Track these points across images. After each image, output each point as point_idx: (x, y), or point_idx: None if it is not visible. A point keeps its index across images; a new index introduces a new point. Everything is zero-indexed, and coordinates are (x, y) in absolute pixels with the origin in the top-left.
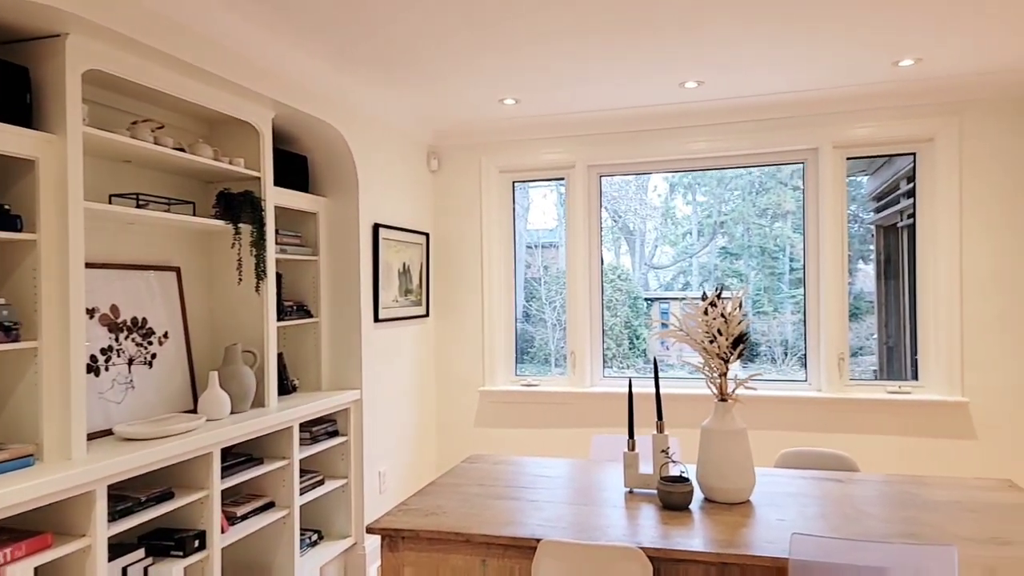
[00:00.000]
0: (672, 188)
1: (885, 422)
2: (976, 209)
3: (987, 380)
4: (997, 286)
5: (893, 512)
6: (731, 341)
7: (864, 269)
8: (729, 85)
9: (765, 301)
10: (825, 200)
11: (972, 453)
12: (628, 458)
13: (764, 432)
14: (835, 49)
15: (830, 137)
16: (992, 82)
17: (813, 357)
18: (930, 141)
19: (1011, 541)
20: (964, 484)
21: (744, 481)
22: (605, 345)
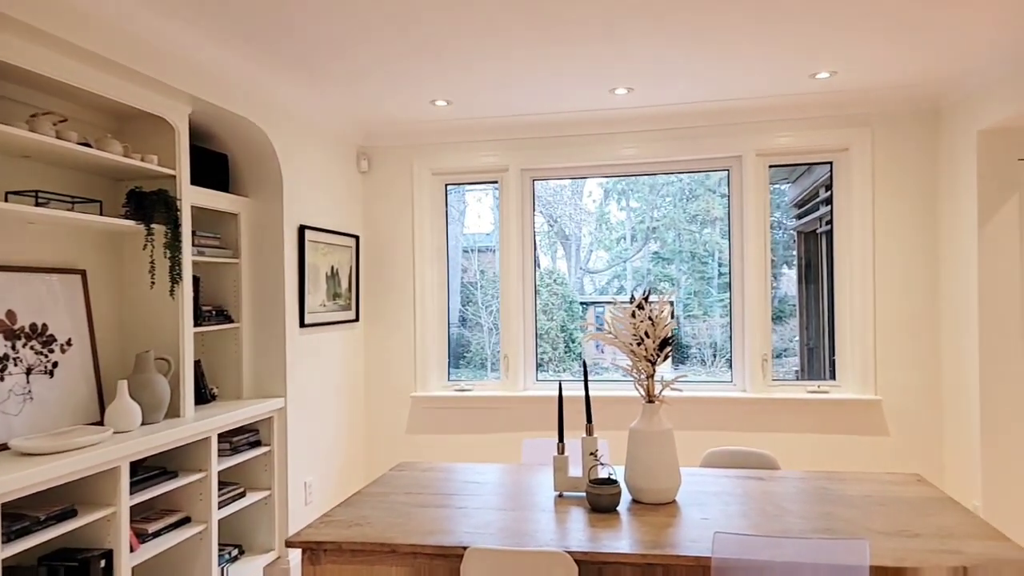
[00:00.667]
0: (607, 194)
1: (806, 421)
2: (887, 216)
3: (898, 379)
4: (907, 290)
5: (811, 508)
6: (658, 343)
7: (788, 274)
8: (657, 93)
9: (695, 305)
10: (749, 206)
11: (885, 449)
12: (557, 462)
13: (692, 432)
14: (756, 61)
15: (753, 145)
16: (900, 96)
17: (738, 359)
18: (845, 151)
19: (919, 533)
20: (877, 479)
21: (670, 481)
22: (541, 349)
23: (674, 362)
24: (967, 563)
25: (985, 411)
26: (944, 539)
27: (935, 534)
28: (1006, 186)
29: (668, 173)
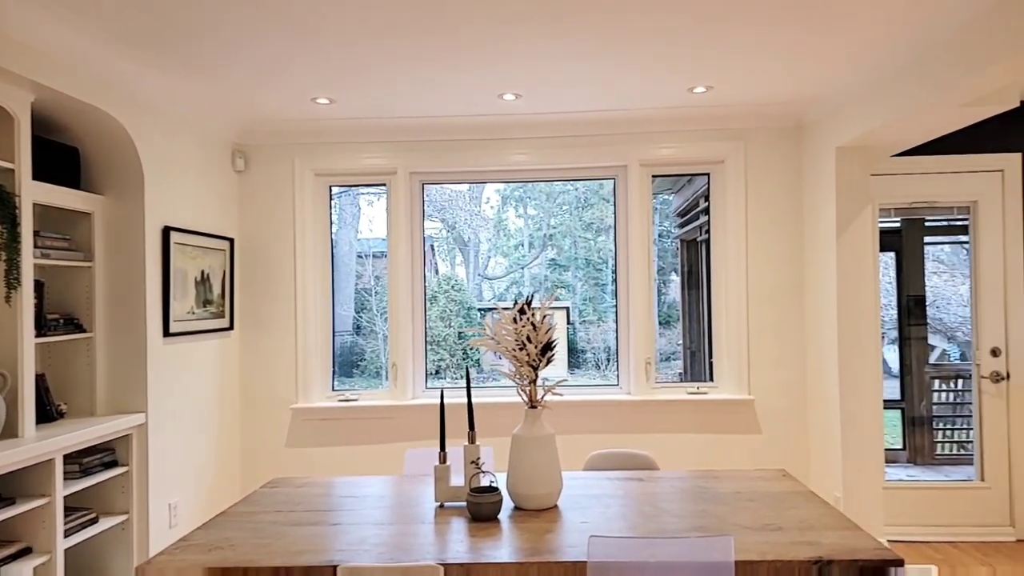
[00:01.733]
0: (504, 201)
1: (686, 421)
2: (758, 225)
3: (769, 379)
4: (776, 295)
5: (686, 506)
6: (540, 348)
7: (675, 280)
8: (545, 101)
9: (590, 310)
10: (633, 215)
11: (758, 446)
12: (439, 471)
13: (579, 436)
14: (639, 74)
15: (637, 155)
16: (769, 112)
17: (624, 362)
18: (721, 163)
19: (781, 527)
20: (747, 476)
21: (552, 486)
22: (438, 356)
23: (570, 366)
24: (823, 554)
25: (844, 408)
26: (804, 531)
27: (796, 527)
28: (860, 198)
29: (557, 180)
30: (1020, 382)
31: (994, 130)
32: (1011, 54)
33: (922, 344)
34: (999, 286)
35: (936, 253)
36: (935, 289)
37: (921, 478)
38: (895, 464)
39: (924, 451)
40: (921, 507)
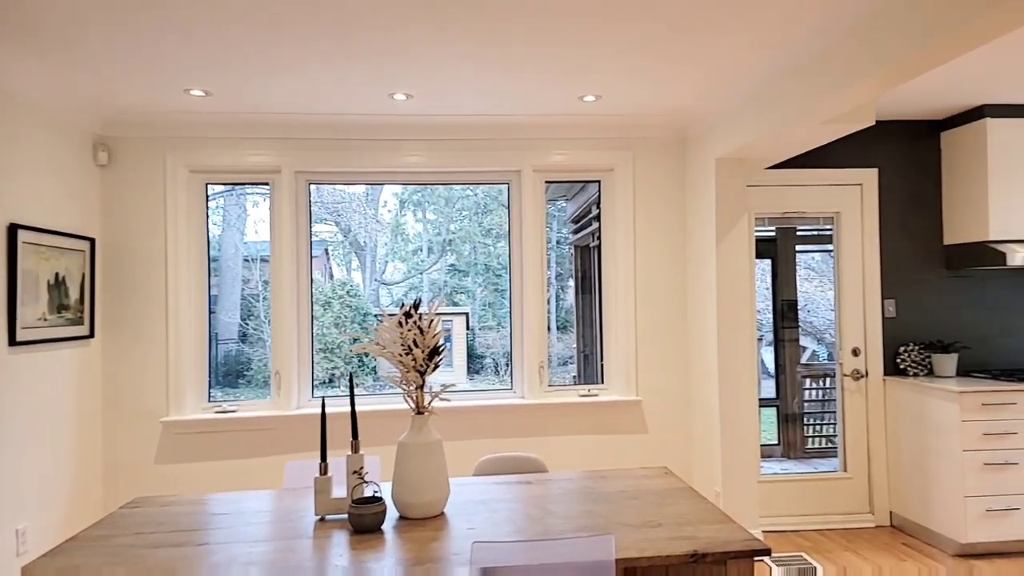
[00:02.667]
0: (402, 204)
1: (578, 423)
2: (646, 232)
3: (655, 380)
4: (662, 299)
5: (572, 507)
6: (427, 353)
7: (571, 285)
8: (438, 102)
9: (490, 316)
10: (527, 220)
11: (645, 445)
12: (319, 483)
13: (472, 441)
14: (529, 79)
15: (530, 161)
16: (655, 123)
17: (518, 366)
18: (611, 171)
19: (661, 523)
20: (631, 475)
21: (438, 493)
22: (331, 364)
23: (469, 372)
24: (698, 547)
25: (723, 406)
26: (682, 526)
27: (675, 522)
28: (738, 208)
29: (451, 184)
30: (876, 379)
31: (855, 146)
32: (866, 76)
33: (795, 345)
34: (859, 291)
35: (808, 261)
36: (806, 294)
37: (793, 471)
38: (771, 459)
39: (796, 445)
40: (793, 498)
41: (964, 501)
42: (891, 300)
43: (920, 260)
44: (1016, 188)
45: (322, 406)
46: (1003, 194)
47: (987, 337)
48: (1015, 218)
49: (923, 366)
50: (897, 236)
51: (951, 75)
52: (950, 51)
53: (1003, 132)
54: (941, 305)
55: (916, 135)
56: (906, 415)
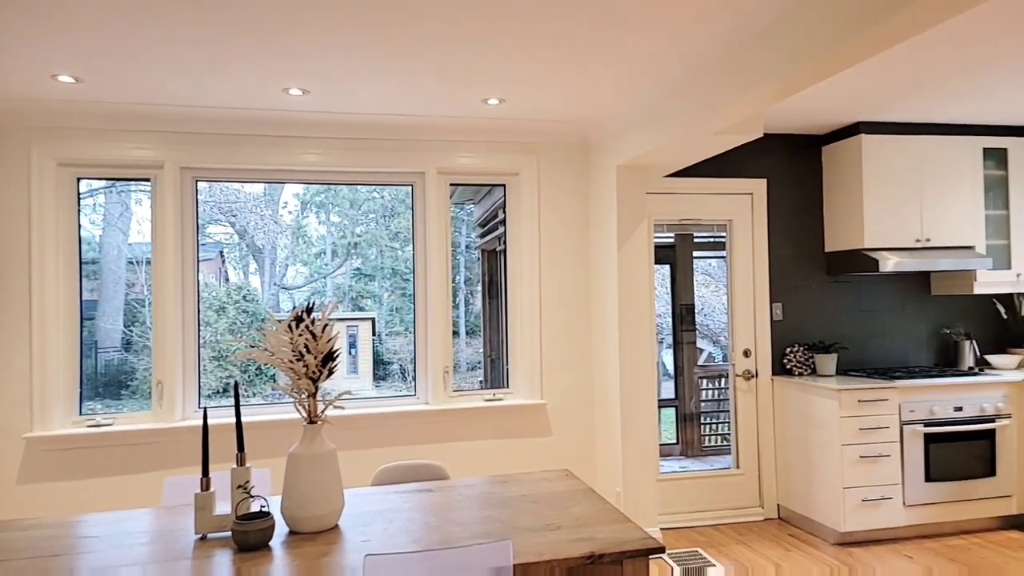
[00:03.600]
0: (304, 206)
1: (484, 428)
2: (550, 237)
3: (559, 383)
4: (566, 303)
5: (472, 514)
6: (320, 359)
7: (480, 290)
8: (337, 100)
9: (397, 321)
10: (431, 222)
11: (550, 448)
12: (200, 499)
13: (373, 450)
14: (434, 80)
15: (435, 163)
16: (559, 129)
17: (421, 372)
18: (516, 175)
19: (560, 526)
20: (533, 478)
21: (331, 505)
22: (226, 372)
23: (376, 378)
24: (596, 548)
25: (624, 408)
26: (581, 528)
27: (573, 524)
28: (638, 214)
29: (350, 184)
30: (765, 379)
31: (746, 158)
32: (753, 89)
33: (692, 348)
34: (750, 295)
35: (704, 267)
36: (703, 298)
37: (691, 469)
38: (670, 457)
39: (694, 444)
40: (691, 495)
41: (843, 492)
42: (778, 304)
43: (804, 266)
44: (887, 200)
45: (204, 417)
46: (876, 206)
47: (863, 338)
48: (886, 228)
49: (807, 366)
50: (784, 243)
51: (830, 93)
52: (829, 68)
53: (876, 148)
54: (823, 308)
55: (800, 148)
56: (792, 412)
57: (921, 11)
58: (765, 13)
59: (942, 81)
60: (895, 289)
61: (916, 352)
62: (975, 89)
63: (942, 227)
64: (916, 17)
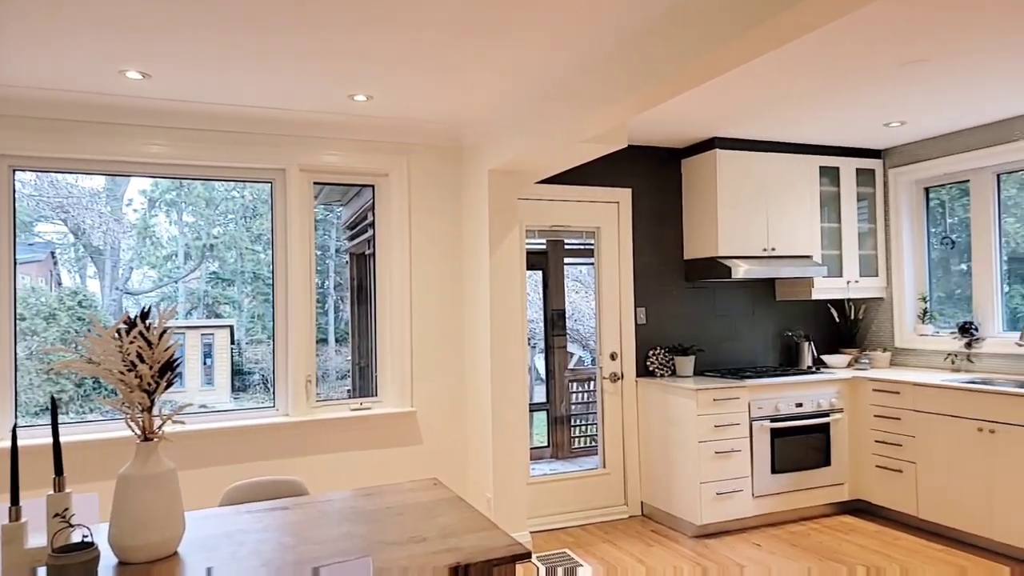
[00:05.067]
0: (152, 203)
1: (350, 439)
2: (422, 240)
3: (430, 390)
4: (438, 308)
5: (332, 531)
6: (157, 369)
7: (348, 295)
8: (185, 86)
9: (259, 328)
10: (293, 223)
11: (421, 457)
12: (7, 532)
13: (225, 467)
14: (289, 70)
15: (297, 160)
16: (431, 130)
17: (281, 382)
18: (386, 176)
19: (426, 537)
20: (399, 489)
21: (169, 531)
22: (59, 387)
23: (235, 390)
24: (462, 559)
25: (495, 413)
26: (447, 538)
27: (439, 535)
28: (510, 219)
29: (201, 179)
30: (630, 381)
31: (613, 167)
32: (615, 101)
33: (563, 352)
34: (616, 300)
35: (576, 273)
36: (574, 304)
37: (561, 470)
38: (542, 460)
39: (564, 446)
40: (560, 497)
41: (699, 487)
42: (642, 308)
43: (666, 273)
44: (739, 212)
45: (13, 437)
46: (729, 217)
47: (718, 340)
48: (738, 238)
49: (668, 367)
50: (647, 251)
51: (689, 110)
52: (681, 85)
53: (729, 163)
54: (682, 313)
55: (663, 160)
56: (654, 412)
57: (752, 41)
58: (626, 27)
59: (781, 104)
60: (745, 295)
61: (764, 353)
62: (808, 113)
63: (785, 238)
64: (753, 42)
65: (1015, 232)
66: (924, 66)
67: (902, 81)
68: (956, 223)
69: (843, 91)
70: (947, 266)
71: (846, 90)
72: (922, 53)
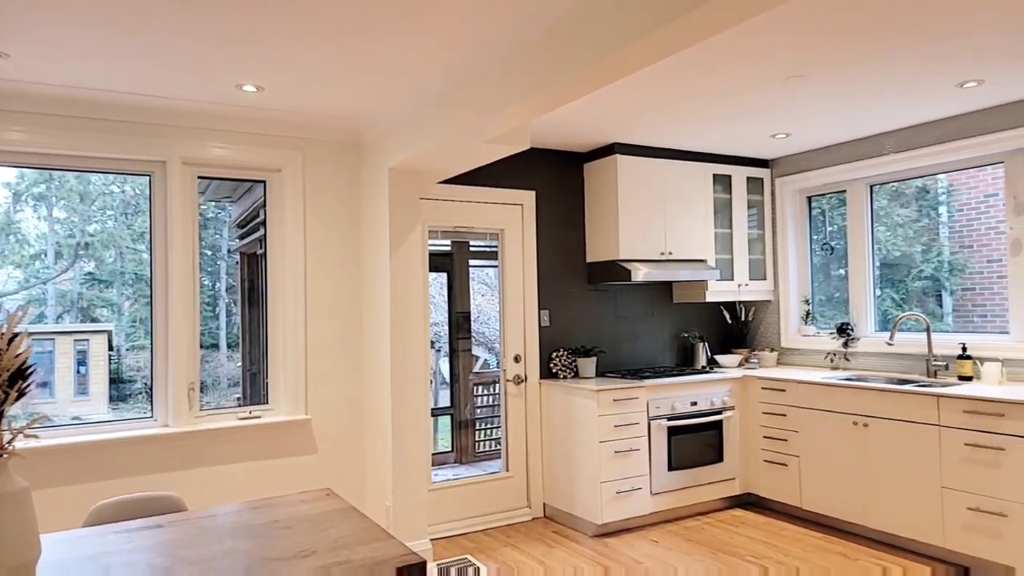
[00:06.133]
0: (17, 197)
1: (238, 449)
2: (318, 240)
3: (326, 396)
4: (335, 311)
5: (211, 549)
6: (5, 378)
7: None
8: (49, 67)
9: (142, 334)
10: (175, 219)
11: (315, 467)
12: None
13: (94, 485)
14: (169, 54)
15: (179, 152)
16: (329, 126)
17: (161, 390)
18: (278, 172)
19: (315, 551)
20: (288, 502)
21: (21, 557)
22: None
23: (114, 400)
24: (351, 572)
25: (395, 419)
26: (337, 551)
27: (329, 548)
28: (411, 219)
29: (73, 170)
30: (534, 383)
31: (517, 169)
32: (518, 101)
33: (468, 355)
34: (520, 302)
35: (482, 276)
36: (479, 306)
37: (464, 475)
38: (445, 465)
39: (468, 450)
40: (463, 502)
41: (600, 486)
42: (546, 310)
43: (569, 275)
44: (638, 216)
45: None
46: (629, 221)
47: (619, 341)
48: (637, 241)
49: (570, 369)
50: (551, 253)
51: (590, 114)
52: (577, 89)
53: (629, 168)
54: (584, 315)
55: (566, 164)
56: (557, 414)
57: (643, 50)
58: (528, 27)
59: (676, 113)
60: (645, 297)
61: (662, 353)
62: (701, 122)
63: (681, 242)
64: (648, 48)
65: (886, 240)
66: (805, 81)
67: (786, 95)
68: (835, 231)
69: (733, 103)
70: (827, 271)
71: (736, 102)
72: (802, 69)
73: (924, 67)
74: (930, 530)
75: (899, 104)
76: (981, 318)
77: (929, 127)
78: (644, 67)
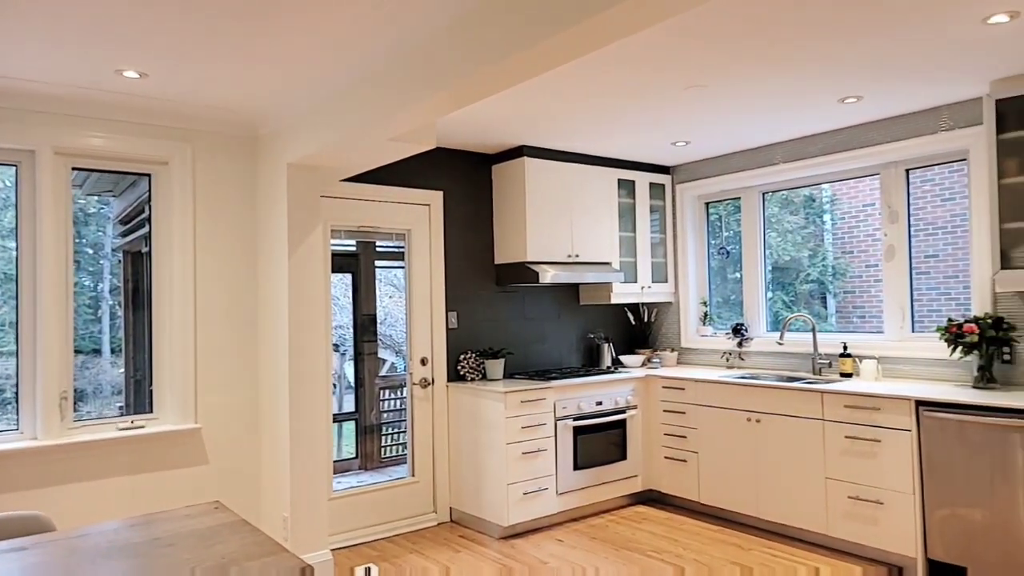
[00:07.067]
0: None
1: (119, 463)
2: (209, 238)
3: (219, 404)
4: (228, 313)
5: (81, 572)
6: None
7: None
8: None
9: (12, 339)
10: (46, 214)
11: (206, 478)
12: None
13: None
14: (35, 31)
15: (51, 140)
16: (221, 118)
17: (28, 399)
18: (165, 165)
19: (195, 569)
20: (173, 516)
21: None
22: None
23: None
24: None
25: (293, 426)
26: (224, 569)
27: (216, 565)
28: (312, 218)
29: None
30: (441, 386)
31: (424, 169)
32: (422, 98)
33: (374, 359)
34: (427, 304)
35: (389, 277)
36: (386, 308)
37: (368, 482)
38: (349, 472)
39: (373, 456)
40: (367, 510)
41: (507, 488)
42: (453, 312)
43: (477, 277)
44: (546, 219)
45: None
46: (537, 223)
47: (527, 343)
48: (545, 244)
49: (478, 371)
50: (459, 254)
51: (498, 116)
52: (490, 84)
53: (537, 171)
54: (493, 316)
55: (474, 165)
56: (465, 416)
57: (549, 50)
58: (431, 23)
59: (581, 119)
60: (552, 299)
61: (569, 355)
62: (605, 128)
63: (588, 245)
64: (551, 51)
65: (777, 245)
66: (703, 91)
67: (685, 104)
68: (731, 236)
69: (635, 110)
70: (724, 274)
71: (638, 109)
72: (701, 79)
73: (809, 82)
74: (815, 519)
75: (787, 116)
76: (860, 319)
77: (814, 139)
78: (549, 70)
